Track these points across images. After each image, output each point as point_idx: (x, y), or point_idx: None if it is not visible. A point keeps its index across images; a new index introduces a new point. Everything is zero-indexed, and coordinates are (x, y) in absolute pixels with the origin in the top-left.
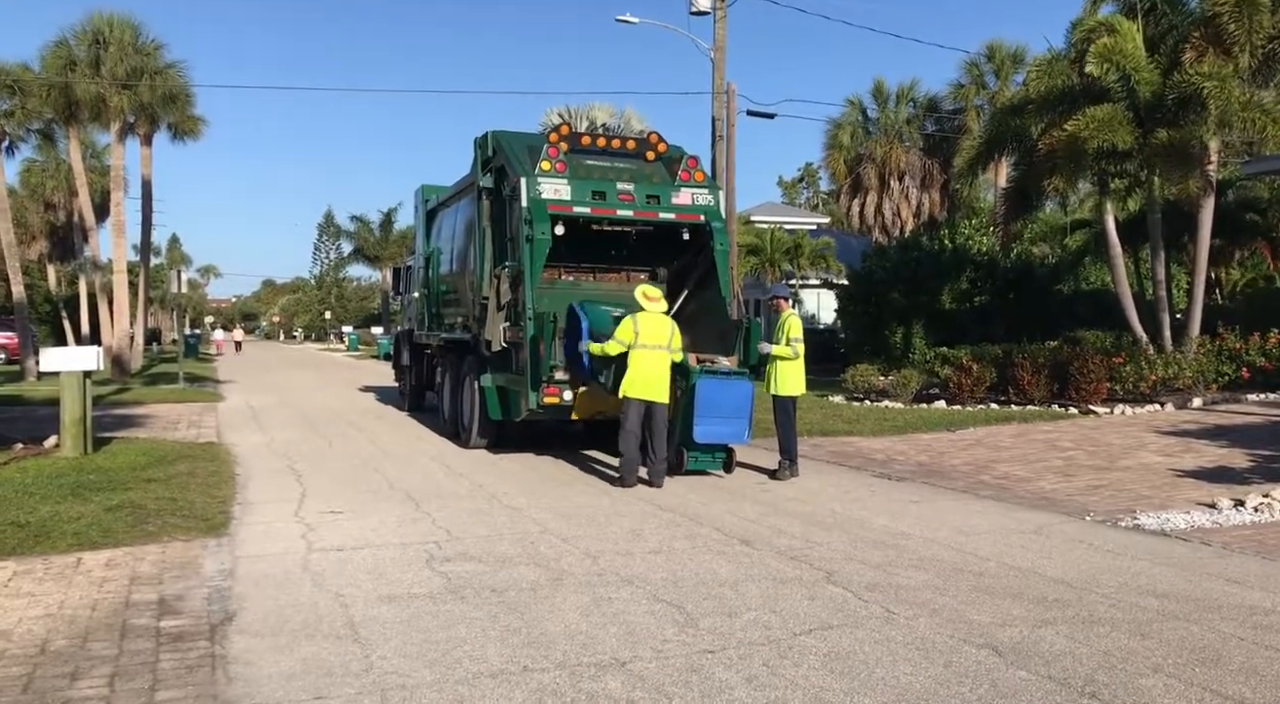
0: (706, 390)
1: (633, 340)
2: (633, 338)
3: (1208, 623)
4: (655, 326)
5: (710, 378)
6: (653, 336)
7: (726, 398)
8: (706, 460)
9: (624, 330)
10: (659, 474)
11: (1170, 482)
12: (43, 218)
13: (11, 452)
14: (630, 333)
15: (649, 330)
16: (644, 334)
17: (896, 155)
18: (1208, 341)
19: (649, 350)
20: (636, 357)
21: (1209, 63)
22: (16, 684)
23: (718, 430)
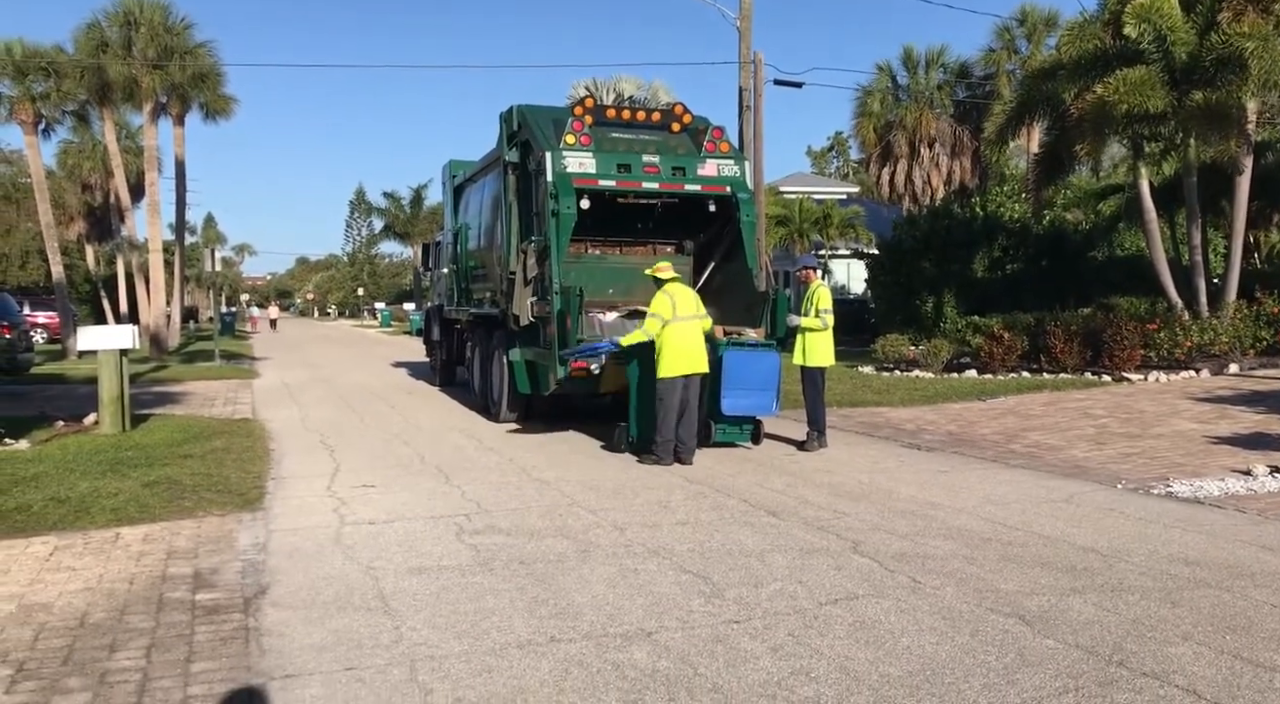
0: (734, 362)
1: (670, 314)
2: (671, 312)
3: (1239, 590)
4: (686, 297)
5: (737, 350)
6: (686, 307)
7: (754, 370)
8: (734, 433)
9: (661, 305)
10: (690, 450)
11: (1204, 449)
12: (80, 199)
13: (53, 429)
14: (669, 307)
15: (683, 302)
16: (680, 306)
17: (927, 122)
18: (1245, 306)
19: (685, 322)
20: (675, 331)
21: (1249, 22)
22: (57, 656)
23: (745, 402)
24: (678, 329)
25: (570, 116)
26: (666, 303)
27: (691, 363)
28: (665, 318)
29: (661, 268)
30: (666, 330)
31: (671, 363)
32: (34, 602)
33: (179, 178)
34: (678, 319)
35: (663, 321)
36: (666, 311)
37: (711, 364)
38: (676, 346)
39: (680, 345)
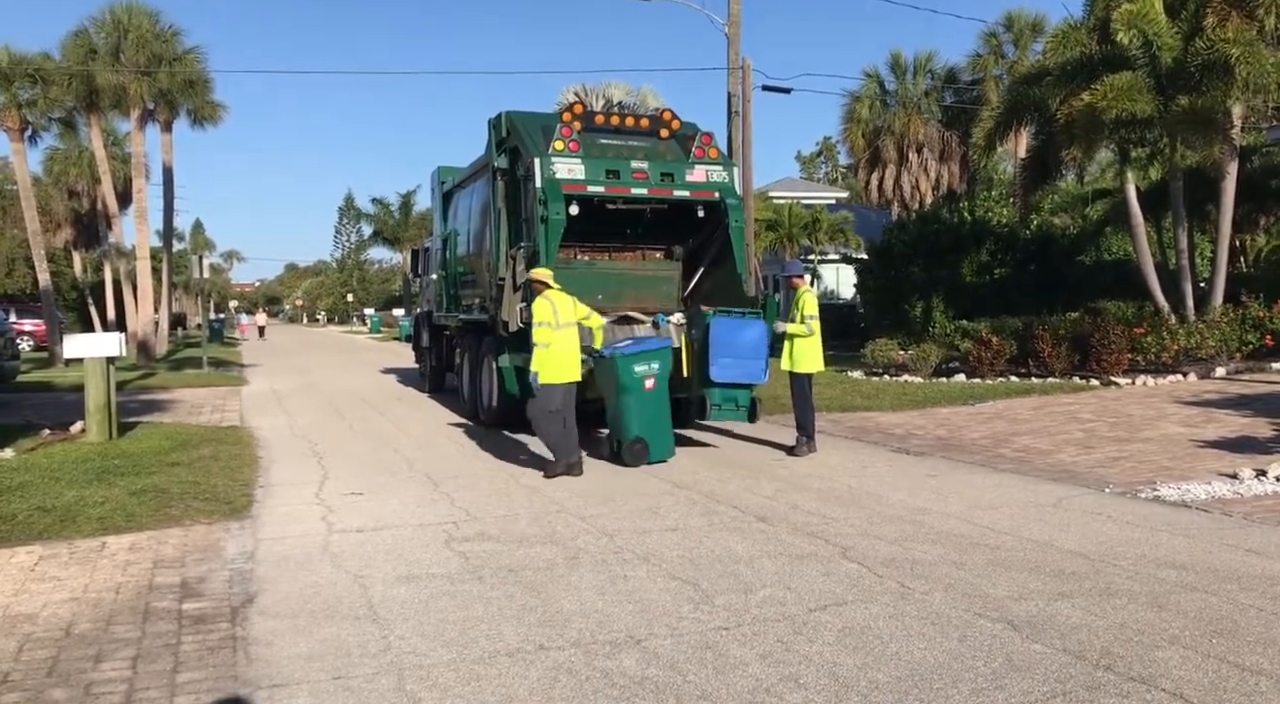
0: (720, 329)
1: (554, 320)
2: (553, 318)
3: (1226, 594)
4: (565, 304)
5: (724, 317)
6: (566, 314)
7: (741, 337)
8: (730, 411)
9: (544, 312)
10: (568, 466)
11: (1192, 452)
12: (67, 205)
13: (39, 437)
14: (550, 313)
15: (563, 308)
16: (561, 312)
17: (915, 128)
18: (1231, 310)
19: (566, 329)
20: (557, 338)
21: (1233, 27)
22: (42, 667)
23: (735, 371)
24: (560, 336)
25: (559, 123)
26: (549, 309)
27: (571, 371)
28: (551, 323)
29: (541, 273)
30: (555, 335)
31: (555, 370)
32: (18, 612)
33: (167, 184)
34: (560, 326)
35: (550, 327)
36: (550, 317)
37: (699, 331)
38: (558, 353)
39: (562, 352)
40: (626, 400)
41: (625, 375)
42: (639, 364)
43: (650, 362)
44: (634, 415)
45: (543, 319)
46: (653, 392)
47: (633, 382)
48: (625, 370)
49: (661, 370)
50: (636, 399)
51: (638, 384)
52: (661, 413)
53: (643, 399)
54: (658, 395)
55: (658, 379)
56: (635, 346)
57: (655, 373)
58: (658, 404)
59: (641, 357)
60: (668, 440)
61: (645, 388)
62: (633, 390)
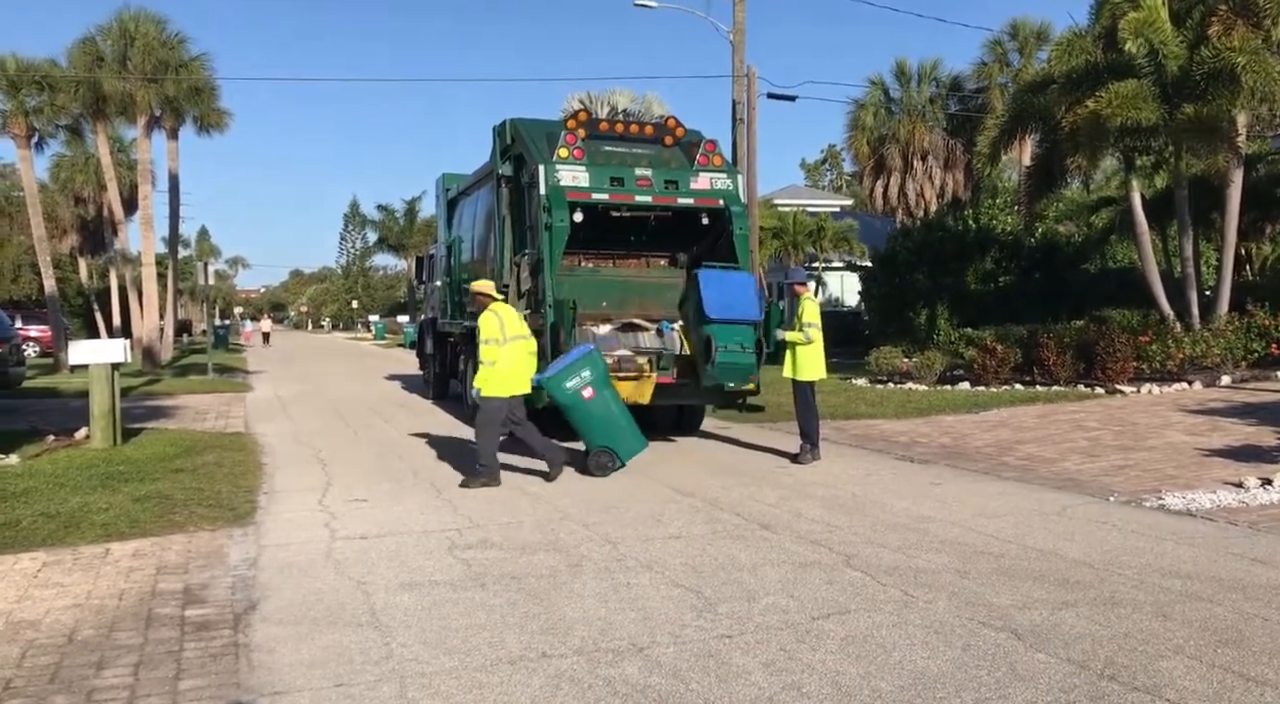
0: (708, 276)
1: (501, 335)
2: (501, 333)
3: (1231, 603)
4: (512, 317)
5: (709, 268)
6: (514, 327)
7: (729, 281)
8: (736, 354)
9: (491, 327)
10: (560, 462)
11: (1197, 461)
12: (73, 212)
13: (44, 443)
14: (498, 327)
15: (510, 322)
16: (508, 326)
17: (920, 135)
18: (1237, 318)
19: (514, 342)
20: (505, 352)
21: (1238, 36)
22: (45, 673)
23: (728, 305)
24: (508, 350)
25: (563, 130)
26: (495, 323)
27: (520, 384)
28: (499, 339)
29: (485, 285)
30: (504, 350)
31: (501, 383)
32: (22, 619)
33: (172, 191)
34: (508, 340)
35: (498, 343)
36: (497, 333)
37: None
38: (506, 367)
39: (510, 366)
40: (574, 417)
41: (559, 395)
42: (567, 380)
43: (578, 373)
44: (587, 428)
45: (490, 336)
46: (595, 400)
47: (569, 398)
48: (557, 390)
49: (595, 376)
50: (582, 413)
51: (576, 399)
52: (613, 416)
53: (589, 411)
54: (601, 401)
55: (594, 385)
56: (557, 365)
57: (589, 381)
58: (606, 409)
59: (566, 372)
60: (632, 439)
61: (585, 399)
62: (575, 406)
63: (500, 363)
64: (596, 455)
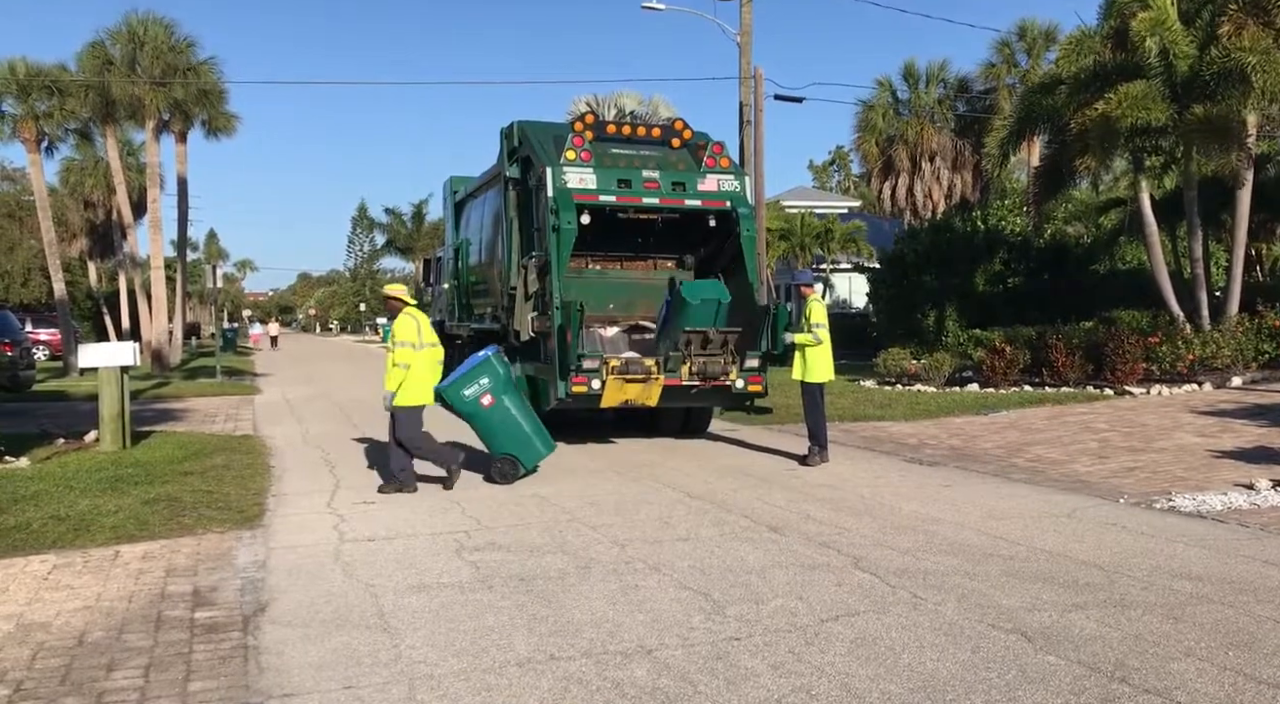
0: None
1: (417, 340)
2: (417, 337)
3: (1242, 606)
4: (426, 323)
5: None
6: (429, 334)
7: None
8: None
9: (408, 331)
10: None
11: (1207, 463)
12: (83, 216)
13: (53, 446)
14: (415, 332)
15: (425, 328)
16: (424, 332)
17: (928, 136)
18: (1247, 319)
19: (429, 349)
20: (421, 358)
21: (1249, 35)
22: (55, 675)
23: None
24: (423, 356)
25: (570, 132)
26: (413, 327)
27: (427, 393)
28: (415, 343)
29: (398, 289)
30: (419, 356)
31: (417, 391)
32: (32, 621)
33: (181, 194)
34: (422, 346)
35: (414, 347)
36: (414, 337)
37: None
38: (422, 374)
39: (425, 373)
40: (475, 425)
41: (459, 404)
42: (465, 388)
43: (475, 381)
44: (488, 436)
45: (407, 339)
46: (495, 407)
47: (467, 406)
48: (456, 399)
49: (493, 383)
50: (482, 421)
51: (474, 406)
52: (515, 423)
53: (488, 419)
54: (502, 409)
55: (494, 392)
56: (455, 373)
57: (488, 389)
58: (507, 415)
59: (464, 380)
60: (537, 444)
61: (484, 406)
62: (474, 414)
63: (414, 368)
64: (499, 464)
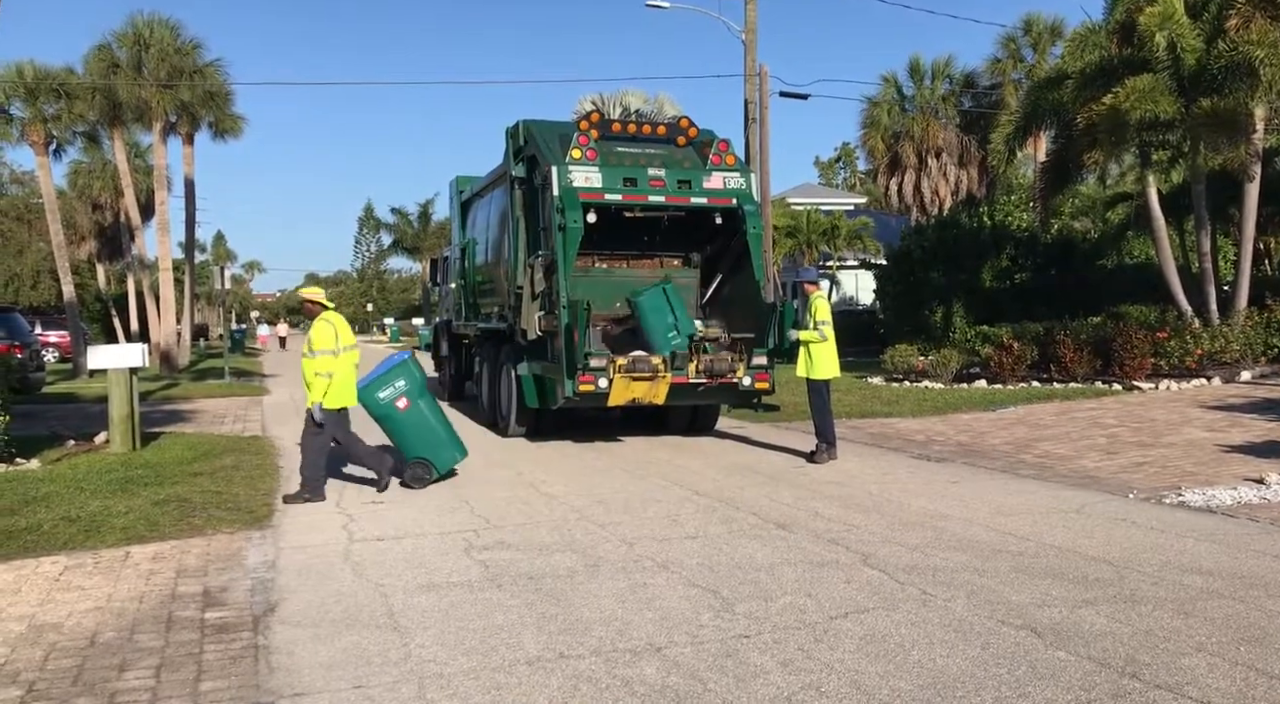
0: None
1: (336, 345)
2: (335, 342)
3: (1253, 601)
4: (344, 326)
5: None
6: (347, 337)
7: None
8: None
9: (326, 337)
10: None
11: (1217, 457)
12: (91, 218)
13: (64, 448)
14: (332, 338)
15: (343, 331)
16: (342, 336)
17: (934, 132)
18: (1256, 313)
19: (348, 352)
20: (340, 362)
21: (1257, 29)
22: (67, 676)
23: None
24: (342, 360)
25: (576, 131)
26: (330, 333)
27: (353, 395)
28: (333, 349)
29: (315, 292)
30: (339, 360)
31: (338, 395)
32: (44, 621)
33: (188, 196)
34: (341, 351)
35: (333, 354)
36: (333, 343)
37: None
38: (343, 378)
39: (346, 377)
40: (389, 428)
41: (372, 406)
42: (380, 390)
43: (391, 383)
44: (401, 439)
45: (326, 346)
46: (410, 410)
47: (381, 408)
48: (370, 401)
49: (409, 386)
50: (396, 424)
51: (389, 409)
52: (429, 426)
53: (402, 422)
54: (416, 412)
55: (409, 395)
56: (370, 374)
57: (404, 391)
58: (421, 419)
59: (379, 382)
60: (450, 448)
61: (399, 410)
62: (388, 417)
63: (336, 374)
64: (412, 467)
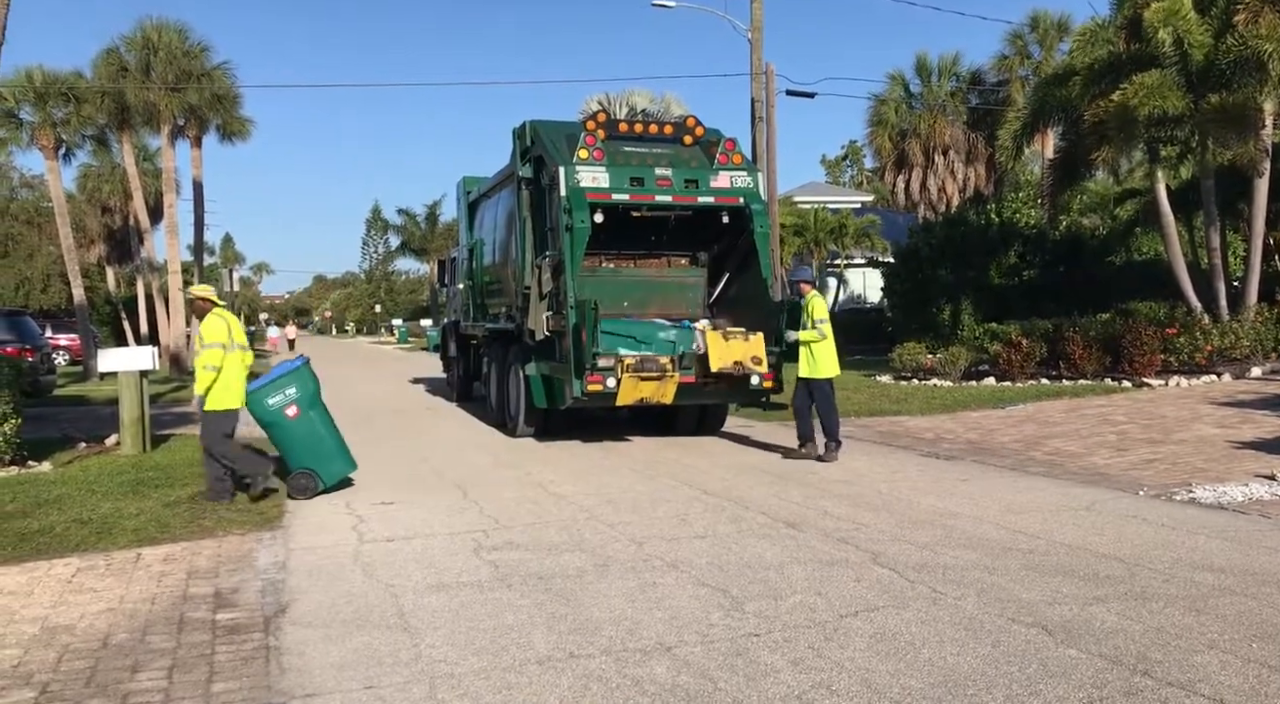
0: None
1: (229, 341)
2: (228, 338)
3: (1265, 597)
4: (236, 324)
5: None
6: (240, 335)
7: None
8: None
9: (218, 332)
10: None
11: (1227, 454)
12: (100, 222)
13: (75, 450)
14: (225, 333)
15: (236, 328)
16: (235, 333)
17: (941, 130)
18: (1265, 309)
19: (240, 351)
20: (232, 360)
21: (1265, 23)
22: (80, 677)
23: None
24: (234, 358)
25: (583, 131)
26: (224, 328)
27: (240, 397)
28: (225, 344)
29: (205, 290)
30: (229, 357)
31: (227, 394)
32: (57, 623)
33: (197, 199)
34: (234, 348)
35: (225, 349)
36: (225, 338)
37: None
38: (233, 376)
39: (237, 375)
40: (275, 435)
41: (260, 411)
42: (270, 396)
43: (282, 390)
44: (288, 448)
45: (217, 340)
46: (299, 419)
47: (270, 415)
48: (258, 407)
49: (301, 394)
50: (283, 432)
51: (278, 416)
52: (318, 437)
53: (291, 430)
54: (306, 421)
55: (300, 404)
56: (261, 379)
57: (294, 399)
58: (311, 429)
59: (270, 388)
60: (339, 461)
61: (289, 417)
62: (276, 424)
63: (225, 370)
64: (296, 477)
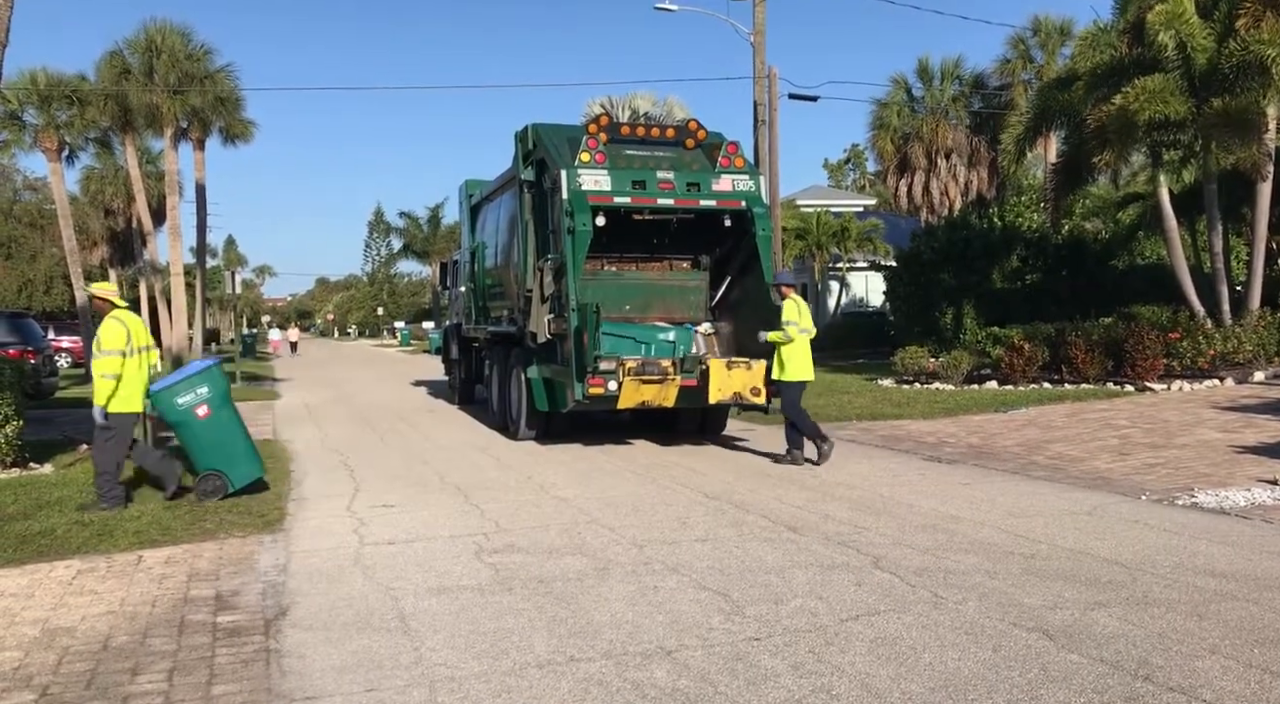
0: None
1: (127, 346)
2: (127, 343)
3: (1268, 603)
4: (138, 326)
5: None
6: (141, 337)
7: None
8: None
9: (116, 337)
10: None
11: (1230, 458)
12: (103, 224)
13: (76, 453)
14: (123, 338)
15: (136, 331)
16: (135, 336)
17: (943, 134)
18: (1268, 314)
19: (142, 354)
20: (132, 364)
21: (1268, 27)
22: (80, 679)
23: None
24: (134, 362)
25: (585, 134)
26: (121, 333)
27: (141, 398)
28: (124, 350)
29: (106, 289)
30: (129, 362)
31: (129, 397)
32: (58, 625)
33: (199, 201)
34: (134, 351)
35: (123, 355)
36: (123, 344)
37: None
38: (134, 380)
39: (138, 378)
40: (184, 435)
41: (169, 411)
42: (180, 396)
43: (194, 389)
44: (197, 449)
45: (115, 347)
46: (210, 419)
47: (179, 414)
48: (168, 406)
49: (213, 394)
50: (192, 432)
51: (187, 416)
52: (229, 438)
53: (200, 430)
54: (216, 421)
55: (211, 403)
56: (172, 377)
57: (206, 399)
58: (221, 430)
59: (181, 386)
60: (248, 464)
61: (199, 417)
62: (186, 424)
63: (126, 376)
64: (204, 479)
